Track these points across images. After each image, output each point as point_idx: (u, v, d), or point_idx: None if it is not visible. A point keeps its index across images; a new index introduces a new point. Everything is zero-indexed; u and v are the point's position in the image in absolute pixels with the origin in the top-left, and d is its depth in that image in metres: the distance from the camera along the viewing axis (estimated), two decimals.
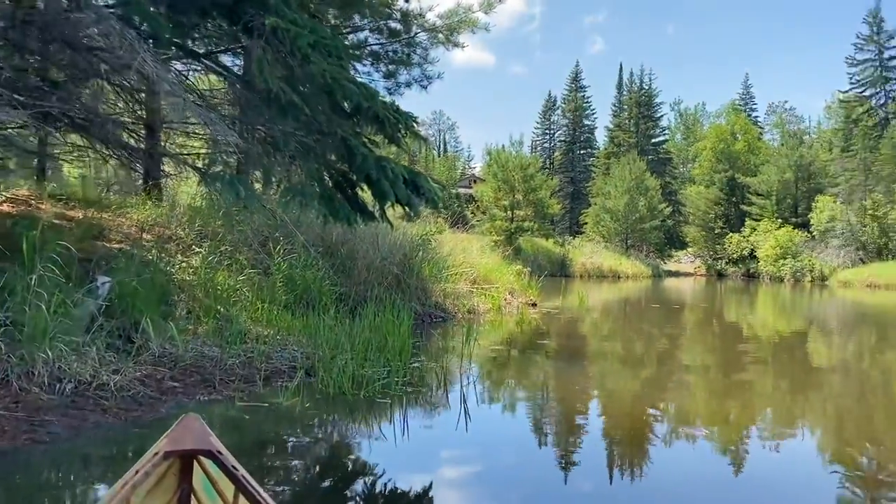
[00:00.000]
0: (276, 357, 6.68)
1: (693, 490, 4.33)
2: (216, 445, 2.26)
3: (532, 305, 15.69)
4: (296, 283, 9.65)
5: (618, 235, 53.08)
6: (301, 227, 11.48)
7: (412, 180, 7.41)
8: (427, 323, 11.23)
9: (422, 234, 12.89)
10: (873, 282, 41.89)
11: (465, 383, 6.77)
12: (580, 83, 74.16)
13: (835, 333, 14.57)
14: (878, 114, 55.73)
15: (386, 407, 5.75)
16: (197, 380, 5.62)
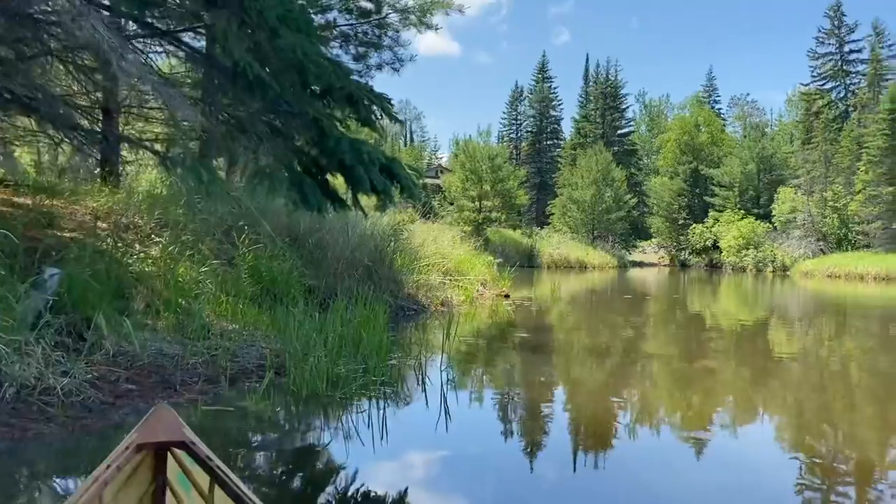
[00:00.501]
0: (243, 355, 6.18)
1: (659, 477, 4.33)
2: (189, 436, 2.19)
3: (505, 297, 15.40)
4: (262, 274, 9.15)
5: (584, 226, 53.27)
6: (267, 215, 10.96)
7: (387, 166, 6.99)
8: (400, 316, 10.81)
9: (393, 225, 12.46)
10: (834, 272, 42.65)
11: (445, 381, 6.38)
12: (547, 74, 74.14)
13: (795, 323, 14.75)
14: (839, 107, 56.72)
15: (363, 409, 5.35)
16: (156, 381, 5.12)
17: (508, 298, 15.35)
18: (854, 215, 47.74)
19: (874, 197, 45.86)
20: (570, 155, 65.52)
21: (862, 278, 39.89)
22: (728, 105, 78.87)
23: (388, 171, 6.96)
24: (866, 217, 46.56)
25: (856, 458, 4.69)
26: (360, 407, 5.36)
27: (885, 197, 45.20)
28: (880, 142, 45.67)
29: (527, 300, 15.92)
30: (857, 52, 56.53)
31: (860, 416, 6.06)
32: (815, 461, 4.56)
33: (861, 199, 46.77)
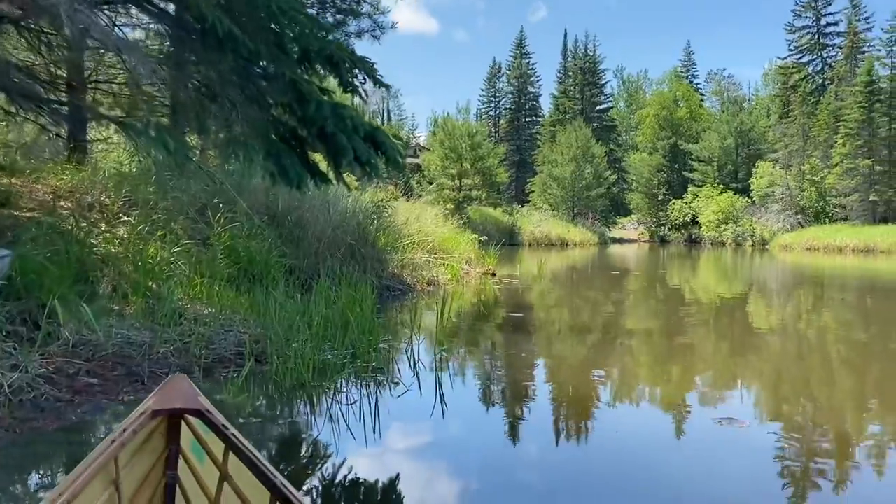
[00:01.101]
0: (220, 341, 5.64)
1: (639, 452, 4.27)
2: (204, 404, 2.18)
3: (491, 275, 14.97)
4: (239, 254, 8.60)
5: (564, 203, 53.00)
6: (243, 193, 10.38)
7: (371, 135, 6.46)
8: (385, 297, 10.33)
9: (376, 202, 11.92)
10: (812, 245, 42.89)
11: (438, 365, 5.92)
12: (525, 50, 73.36)
13: (774, 296, 14.76)
14: (816, 80, 56.78)
15: (353, 398, 4.87)
16: (121, 373, 4.57)
17: (495, 276, 14.93)
18: (832, 188, 47.96)
19: (851, 170, 46.07)
20: (549, 131, 65.08)
21: (841, 251, 40.11)
22: (705, 80, 78.65)
23: (373, 141, 6.44)
24: (844, 190, 46.81)
25: (834, 428, 4.69)
26: (350, 396, 4.88)
27: (862, 169, 45.43)
28: (857, 114, 45.81)
29: (513, 278, 15.51)
30: (833, 24, 56.60)
31: (838, 388, 6.08)
32: (794, 433, 4.55)
33: (838, 172, 46.97)
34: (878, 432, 4.62)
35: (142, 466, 2.16)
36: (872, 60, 47.27)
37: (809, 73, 57.76)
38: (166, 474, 2.22)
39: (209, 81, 5.48)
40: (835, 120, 48.94)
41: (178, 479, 2.23)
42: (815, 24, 56.95)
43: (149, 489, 2.18)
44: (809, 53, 57.82)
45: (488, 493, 3.54)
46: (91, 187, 9.09)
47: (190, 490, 2.22)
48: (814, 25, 57.08)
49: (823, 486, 3.61)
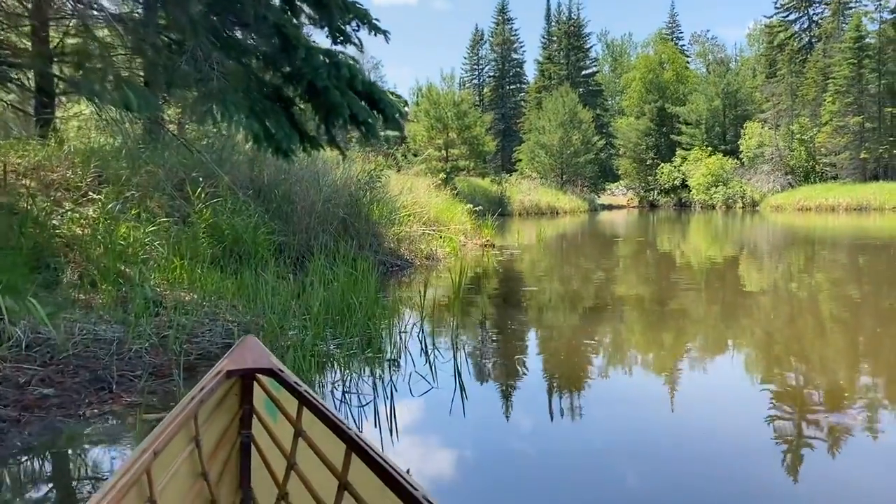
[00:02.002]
0: (204, 333, 4.86)
1: (637, 417, 4.17)
2: (276, 364, 2.24)
3: (490, 246, 14.25)
4: (223, 232, 7.81)
5: (553, 171, 52.22)
6: (225, 165, 9.55)
7: (367, 92, 5.66)
8: (383, 272, 9.57)
9: (369, 172, 11.10)
10: (804, 205, 42.53)
11: (456, 351, 5.19)
12: (507, 16, 71.83)
13: (765, 257, 14.65)
14: (802, 38, 56.00)
15: (365, 398, 4.15)
16: (83, 380, 3.76)
17: (493, 248, 14.21)
18: (821, 147, 47.50)
19: (841, 127, 45.60)
20: (534, 98, 63.99)
21: (833, 210, 39.79)
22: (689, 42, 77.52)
23: (369, 98, 5.64)
24: (834, 148, 46.36)
25: (825, 386, 4.69)
26: (361, 396, 4.15)
27: (852, 127, 44.97)
28: (846, 71, 45.20)
29: (512, 249, 14.80)
30: None
31: (829, 347, 6.02)
32: (787, 391, 4.58)
33: (828, 131, 46.48)
34: (871, 391, 4.57)
35: (218, 425, 2.19)
36: (860, 16, 46.56)
37: (796, 30, 56.96)
38: (241, 433, 2.25)
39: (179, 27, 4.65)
40: (823, 78, 48.34)
41: (253, 438, 2.26)
42: None
43: (226, 447, 2.21)
44: (796, 11, 56.95)
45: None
46: (57, 163, 8.24)
47: (265, 448, 2.23)
48: None
49: (818, 445, 3.57)
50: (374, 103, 5.65)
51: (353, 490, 1.84)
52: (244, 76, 5.01)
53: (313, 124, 5.97)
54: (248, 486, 2.25)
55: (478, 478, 3.28)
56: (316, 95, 5.15)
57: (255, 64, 5.23)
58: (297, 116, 6.16)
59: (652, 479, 3.23)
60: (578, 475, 3.31)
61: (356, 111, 5.27)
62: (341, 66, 4.86)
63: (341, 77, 4.98)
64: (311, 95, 5.21)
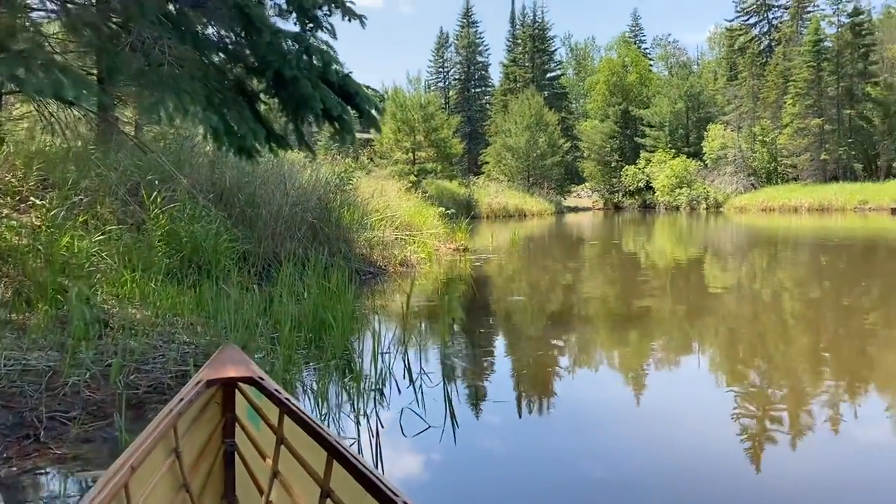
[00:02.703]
0: (156, 360, 4.21)
1: (602, 417, 4.19)
2: (257, 372, 2.22)
3: (464, 251, 13.73)
4: (181, 240, 7.15)
5: (520, 173, 52.05)
6: (183, 167, 8.87)
7: (341, 84, 5.09)
8: (356, 281, 8.95)
9: (339, 174, 10.48)
10: (767, 206, 43.01)
11: (447, 378, 4.63)
12: (472, 19, 71.55)
13: (729, 257, 14.76)
14: (762, 41, 56.81)
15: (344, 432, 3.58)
16: (5, 424, 3.05)
17: (467, 252, 13.69)
18: (783, 148, 48.15)
19: (802, 129, 46.27)
20: (500, 101, 63.80)
21: (796, 210, 40.26)
22: (651, 46, 78.21)
23: (343, 91, 5.06)
24: (795, 150, 47.02)
25: (788, 384, 4.72)
26: (342, 432, 3.56)
27: (812, 129, 45.66)
28: (806, 74, 45.90)
29: (488, 253, 14.30)
30: None
31: (792, 345, 6.04)
32: (751, 390, 4.60)
33: (789, 133, 47.13)
34: (832, 389, 4.57)
35: (200, 435, 2.16)
36: (819, 19, 47.34)
37: (756, 34, 57.80)
38: (224, 442, 2.22)
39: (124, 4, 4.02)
40: (783, 80, 49.02)
41: (237, 447, 2.22)
42: None
43: (209, 457, 2.18)
44: (756, 15, 57.80)
45: None
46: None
47: (248, 456, 2.21)
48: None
49: (781, 441, 3.58)
50: (348, 97, 5.08)
51: (336, 497, 1.82)
52: (201, 63, 4.40)
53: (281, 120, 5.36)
54: (232, 495, 2.22)
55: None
56: (283, 87, 4.56)
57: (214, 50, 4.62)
58: (262, 112, 5.55)
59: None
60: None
61: (329, 105, 4.70)
62: (313, 53, 4.30)
63: (313, 66, 4.41)
64: (279, 87, 4.62)
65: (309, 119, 4.91)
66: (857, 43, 45.51)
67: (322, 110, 4.67)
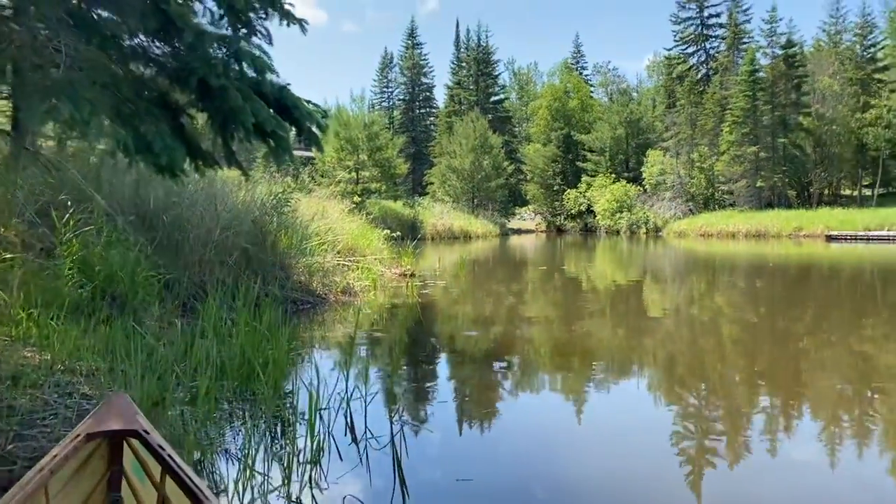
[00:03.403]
0: (45, 422, 3.46)
1: (543, 438, 4.21)
2: (144, 425, 2.11)
3: (410, 276, 13.13)
4: (93, 269, 6.35)
5: (465, 195, 51.97)
6: (102, 186, 8.06)
7: (277, 97, 4.49)
8: (292, 312, 8.26)
9: (276, 195, 9.77)
10: (706, 231, 43.90)
11: (396, 445, 4.02)
12: (416, 40, 71.75)
13: (668, 282, 15.00)
14: (700, 70, 58.50)
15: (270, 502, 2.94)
16: None
17: (413, 278, 13.11)
18: (720, 175, 49.39)
19: (738, 156, 47.55)
20: (445, 123, 63.83)
21: (734, 236, 41.16)
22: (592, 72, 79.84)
23: (280, 105, 4.46)
24: (731, 176, 48.29)
25: (725, 405, 4.78)
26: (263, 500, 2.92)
27: (748, 156, 46.97)
28: (742, 103, 47.28)
29: (435, 279, 13.73)
30: (715, 16, 58.40)
31: (728, 367, 6.11)
32: (689, 411, 4.65)
33: (726, 160, 48.39)
34: (768, 408, 4.68)
35: (80, 491, 2.04)
36: (754, 50, 48.95)
37: (694, 63, 59.50)
38: (110, 495, 2.12)
39: None
40: (720, 109, 50.42)
41: (122, 501, 2.12)
42: (699, 14, 58.64)
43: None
44: (694, 44, 59.52)
45: None
46: None
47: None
48: (697, 17, 58.76)
49: (717, 462, 3.62)
50: (285, 111, 4.48)
51: None
52: (109, 69, 3.73)
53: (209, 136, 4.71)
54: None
55: None
56: (210, 97, 3.93)
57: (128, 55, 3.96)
58: (186, 126, 4.89)
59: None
60: None
61: (262, 120, 4.09)
62: (243, 59, 3.70)
63: (244, 74, 3.81)
64: (204, 97, 3.99)
65: (239, 134, 4.28)
66: (791, 74, 47.22)
67: (254, 125, 4.06)
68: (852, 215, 38.30)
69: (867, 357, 6.68)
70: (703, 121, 51.38)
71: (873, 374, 5.77)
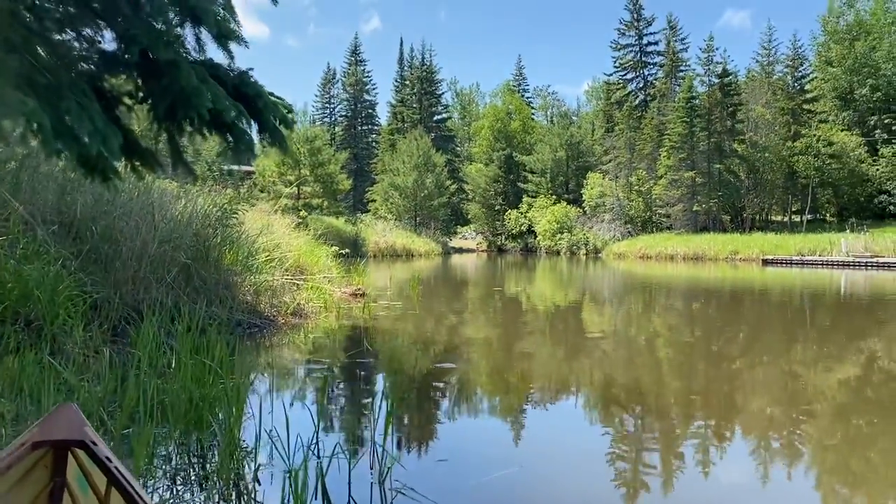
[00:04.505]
0: None
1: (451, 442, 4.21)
2: (91, 436, 2.03)
3: (361, 296, 12.31)
4: (5, 286, 5.39)
5: (407, 213, 51.35)
6: (20, 190, 7.05)
7: (235, 83, 3.74)
8: (238, 335, 7.34)
9: (221, 205, 8.85)
10: (645, 253, 44.42)
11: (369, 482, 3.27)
12: (360, 57, 71.12)
13: (607, 303, 15.08)
14: (638, 96, 59.76)
15: None
16: None
17: (365, 298, 12.28)
18: (657, 198, 50.25)
19: (675, 181, 48.48)
20: (387, 140, 63.24)
21: (672, 258, 41.75)
22: (532, 95, 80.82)
23: (240, 93, 3.71)
24: (669, 200, 49.17)
25: (659, 425, 4.79)
26: None
27: (685, 181, 47.92)
28: (680, 128, 48.30)
29: (387, 299, 12.94)
30: (654, 44, 59.87)
31: (664, 387, 6.15)
32: (625, 432, 4.66)
33: (664, 184, 49.27)
34: (702, 429, 4.70)
35: (20, 501, 1.99)
36: (692, 78, 50.20)
37: (632, 89, 60.75)
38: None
39: None
40: (658, 134, 51.44)
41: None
42: (638, 42, 60.01)
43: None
44: (633, 71, 60.80)
45: None
46: None
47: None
48: (636, 44, 60.11)
49: (652, 484, 3.62)
50: (245, 101, 3.73)
51: None
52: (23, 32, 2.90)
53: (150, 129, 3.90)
54: None
55: None
56: (155, 75, 3.15)
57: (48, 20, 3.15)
58: (122, 118, 4.06)
59: None
60: None
61: (221, 107, 3.33)
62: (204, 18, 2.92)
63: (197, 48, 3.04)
64: (147, 75, 3.21)
65: (191, 126, 3.51)
66: (726, 102, 48.54)
67: (210, 112, 3.29)
68: (785, 240, 39.33)
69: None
70: (641, 145, 52.29)
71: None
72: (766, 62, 54.23)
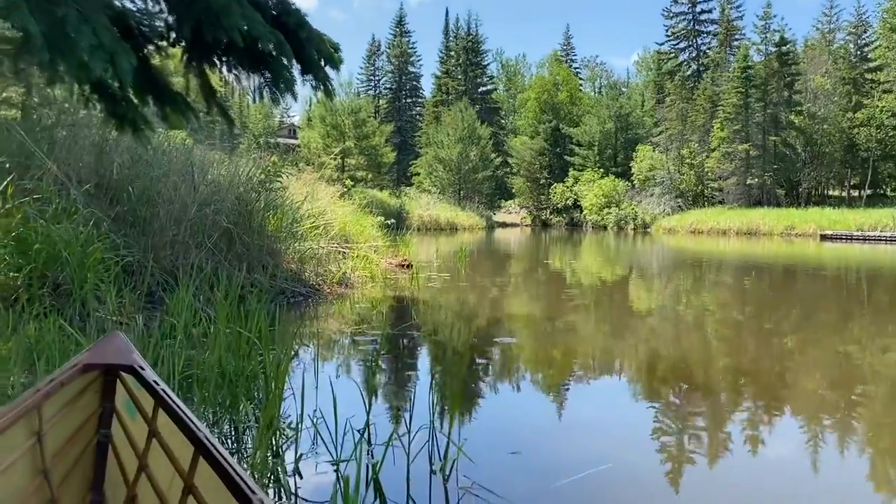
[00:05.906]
0: None
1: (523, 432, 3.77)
2: (139, 361, 2.07)
3: (408, 267, 11.83)
4: (31, 247, 5.02)
5: (451, 186, 50.75)
6: (55, 148, 6.70)
7: (276, 13, 3.20)
8: (281, 304, 6.91)
9: (264, 168, 8.40)
10: (696, 228, 43.01)
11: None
12: (405, 28, 70.22)
13: (655, 278, 14.55)
14: (691, 66, 57.70)
15: None
16: None
17: (412, 269, 11.78)
18: (710, 172, 48.59)
19: (729, 154, 46.77)
20: (432, 112, 62.52)
21: (725, 233, 40.32)
22: (580, 66, 78.83)
23: (279, 22, 3.17)
24: (721, 173, 47.51)
25: (707, 403, 4.55)
26: None
27: (739, 153, 46.20)
28: (735, 99, 46.46)
29: (434, 271, 12.44)
30: (707, 12, 57.57)
31: (713, 366, 5.79)
32: (672, 409, 4.41)
33: (717, 157, 47.58)
34: (752, 409, 4.46)
35: (71, 422, 2.04)
36: (747, 47, 48.13)
37: (685, 59, 58.67)
38: (99, 432, 2.11)
39: None
40: (712, 105, 49.59)
41: (111, 438, 2.12)
42: (691, 10, 57.79)
43: (78, 446, 2.06)
44: (686, 40, 58.66)
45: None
46: None
47: (121, 448, 2.10)
48: (689, 12, 57.89)
49: (698, 457, 3.50)
50: (286, 31, 3.20)
51: (198, 493, 1.67)
52: None
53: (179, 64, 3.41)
54: (100, 487, 2.05)
55: None
56: None
57: None
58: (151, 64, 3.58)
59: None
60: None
61: (257, 34, 2.81)
62: None
63: None
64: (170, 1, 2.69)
65: (223, 57, 3.00)
66: (784, 72, 46.44)
67: (244, 40, 2.77)
68: (844, 215, 37.54)
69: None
70: (694, 117, 50.50)
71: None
72: (827, 29, 51.67)
